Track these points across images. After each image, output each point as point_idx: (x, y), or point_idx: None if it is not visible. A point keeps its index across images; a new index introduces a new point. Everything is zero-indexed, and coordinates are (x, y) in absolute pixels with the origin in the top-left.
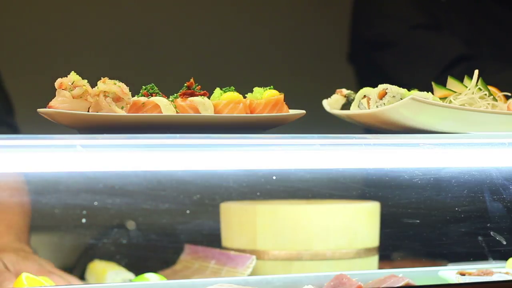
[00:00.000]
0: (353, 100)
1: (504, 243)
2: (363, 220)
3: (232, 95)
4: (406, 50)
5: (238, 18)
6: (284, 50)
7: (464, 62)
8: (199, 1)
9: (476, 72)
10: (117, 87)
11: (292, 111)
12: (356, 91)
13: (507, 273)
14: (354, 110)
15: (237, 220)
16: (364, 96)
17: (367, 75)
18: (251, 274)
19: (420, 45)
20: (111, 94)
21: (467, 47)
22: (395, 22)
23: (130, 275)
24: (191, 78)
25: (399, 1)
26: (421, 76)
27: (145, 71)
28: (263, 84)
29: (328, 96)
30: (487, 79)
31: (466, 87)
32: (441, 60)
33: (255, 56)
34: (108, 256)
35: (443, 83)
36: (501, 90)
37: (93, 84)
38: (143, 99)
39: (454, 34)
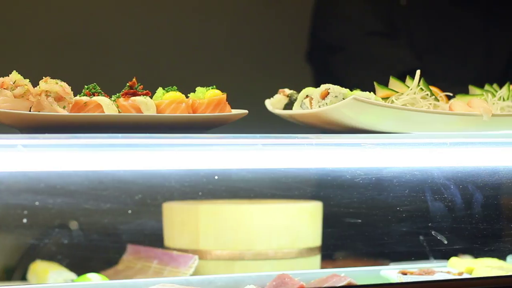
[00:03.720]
0: (295, 100)
1: (446, 242)
2: (305, 220)
3: (175, 94)
4: (359, 56)
5: (182, 16)
6: (226, 50)
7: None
8: (141, 0)
9: (418, 72)
10: (59, 86)
11: (235, 111)
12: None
13: (448, 272)
14: (296, 110)
15: (180, 220)
16: (307, 96)
17: (322, 77)
18: (194, 274)
19: (374, 52)
20: (53, 94)
21: (420, 57)
22: (352, 27)
23: (72, 275)
24: (133, 78)
25: (358, 6)
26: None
27: (87, 71)
28: (206, 84)
29: (271, 95)
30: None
31: (408, 87)
32: (393, 69)
33: (198, 55)
34: (49, 256)
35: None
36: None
37: (35, 84)
38: (85, 98)
39: (409, 43)
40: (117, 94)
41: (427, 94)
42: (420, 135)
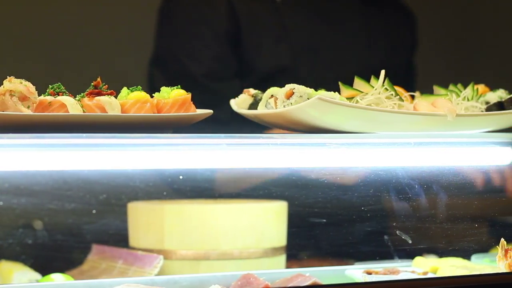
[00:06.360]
0: (260, 99)
1: (410, 242)
2: (270, 220)
3: (139, 94)
4: None
5: (148, 18)
6: None
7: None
8: (106, 1)
9: (383, 72)
10: (23, 86)
11: (199, 111)
12: None
13: (413, 271)
14: (261, 109)
15: (145, 220)
16: (272, 96)
17: None
18: (159, 274)
19: None
20: (17, 93)
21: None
22: None
23: (36, 275)
24: (98, 78)
25: None
26: None
27: (52, 70)
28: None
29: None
30: None
31: (373, 87)
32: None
33: None
34: (14, 257)
35: None
36: None
37: None
38: (49, 98)
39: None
40: (82, 93)
41: (392, 94)
42: (385, 135)
